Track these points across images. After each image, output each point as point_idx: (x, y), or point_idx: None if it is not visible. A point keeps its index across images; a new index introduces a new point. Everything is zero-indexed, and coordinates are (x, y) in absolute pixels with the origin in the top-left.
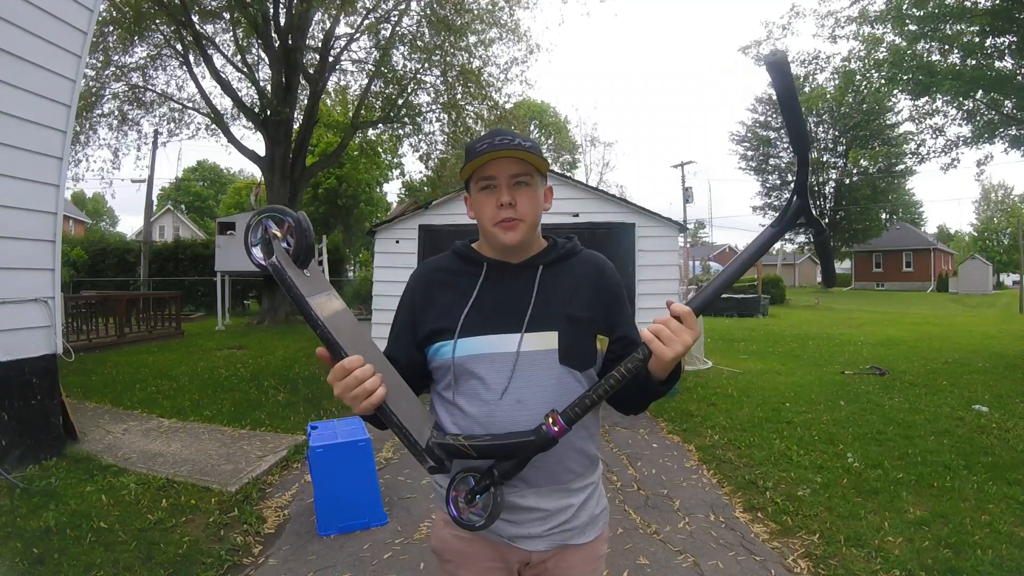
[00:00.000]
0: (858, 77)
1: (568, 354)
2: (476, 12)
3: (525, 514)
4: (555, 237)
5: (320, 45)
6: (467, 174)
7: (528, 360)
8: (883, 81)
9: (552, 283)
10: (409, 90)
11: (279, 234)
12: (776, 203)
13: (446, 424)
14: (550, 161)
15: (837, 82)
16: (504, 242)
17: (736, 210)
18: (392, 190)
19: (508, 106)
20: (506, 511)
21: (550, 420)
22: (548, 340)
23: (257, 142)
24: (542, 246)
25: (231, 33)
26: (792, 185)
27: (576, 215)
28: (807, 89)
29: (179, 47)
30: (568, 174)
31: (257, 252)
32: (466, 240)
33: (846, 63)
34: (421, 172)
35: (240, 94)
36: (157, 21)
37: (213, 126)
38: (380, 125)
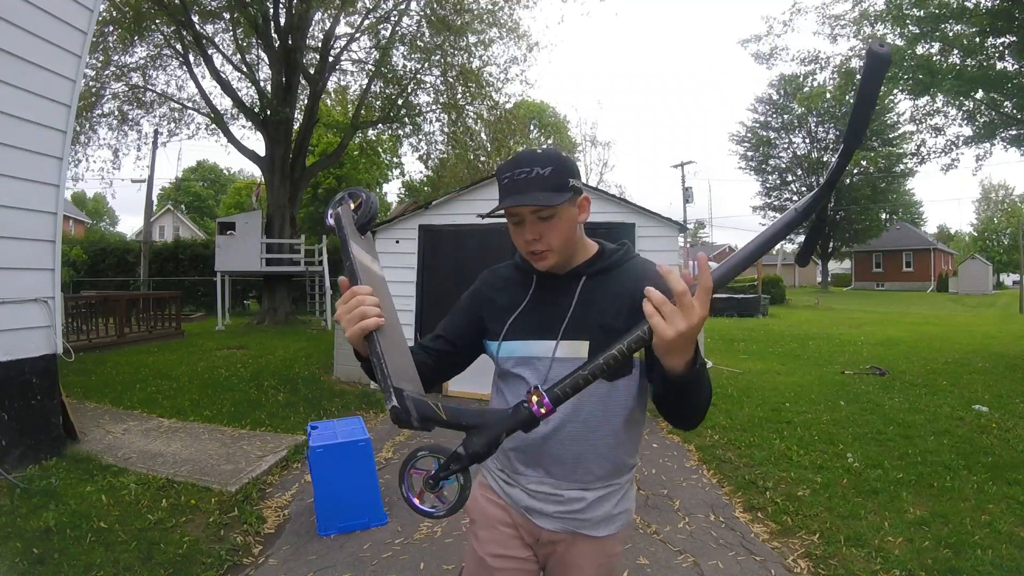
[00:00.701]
0: (858, 76)
1: None
2: (476, 12)
3: (540, 493)
4: (605, 244)
5: (320, 45)
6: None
7: (561, 366)
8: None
9: (593, 292)
10: (409, 90)
11: (352, 206)
12: (776, 203)
13: (496, 407)
14: None
15: (837, 81)
16: (539, 269)
17: (736, 210)
18: (392, 190)
19: (508, 106)
20: (525, 485)
21: (535, 399)
22: (579, 349)
23: (257, 142)
24: (590, 253)
25: (231, 33)
26: (826, 177)
27: None
28: (807, 89)
29: (179, 47)
30: None
31: (330, 219)
32: None
33: (846, 61)
34: (421, 172)
35: (240, 94)
36: (157, 21)
37: (213, 126)
38: (380, 125)
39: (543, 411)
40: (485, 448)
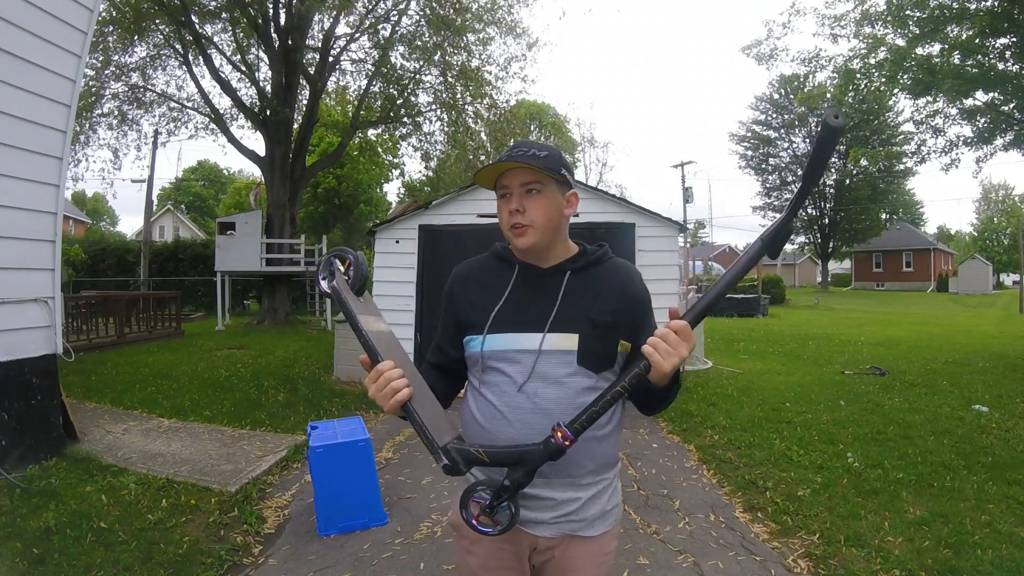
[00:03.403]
0: (859, 76)
1: (586, 356)
2: (475, 11)
3: (534, 500)
4: (585, 244)
5: (320, 45)
6: (491, 185)
7: (548, 358)
8: (883, 80)
9: (578, 288)
10: (409, 90)
11: (342, 268)
12: (776, 203)
13: (471, 407)
14: None
15: (837, 81)
16: (516, 246)
17: (736, 210)
18: (392, 190)
19: (509, 104)
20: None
21: (559, 435)
22: (568, 341)
23: (257, 142)
24: (571, 251)
25: (231, 33)
26: (789, 206)
27: (576, 215)
28: (807, 88)
29: (179, 47)
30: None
31: (324, 284)
32: (505, 243)
33: (847, 61)
34: (421, 172)
35: (240, 94)
36: (157, 21)
37: (213, 126)
38: (380, 125)
39: (567, 444)
40: (526, 478)
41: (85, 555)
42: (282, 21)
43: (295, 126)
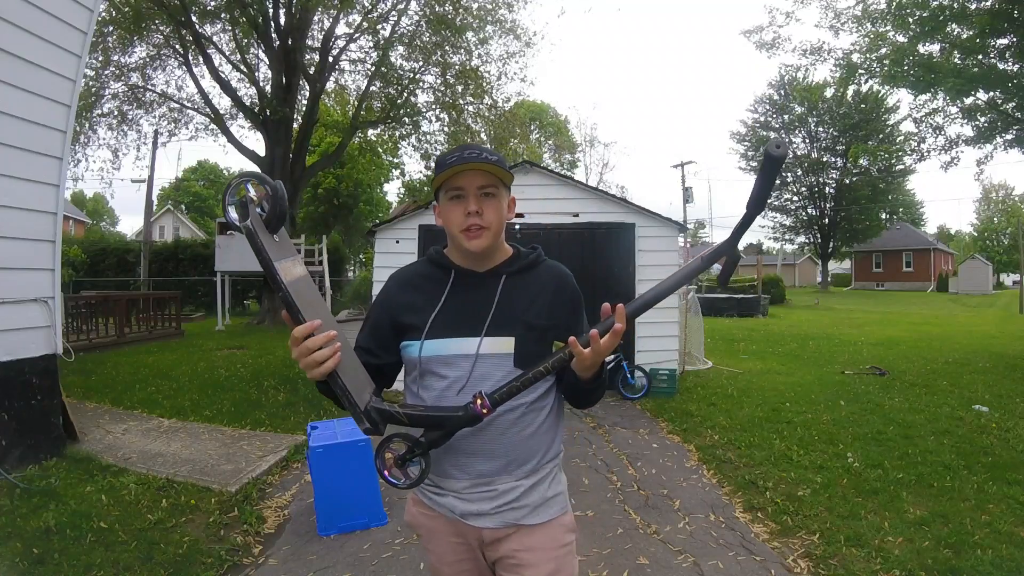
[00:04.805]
0: (860, 71)
1: (523, 358)
2: (475, 11)
3: (473, 492)
4: (519, 247)
5: (320, 45)
6: (437, 184)
7: (486, 362)
8: (884, 75)
9: (514, 291)
10: (409, 90)
11: (255, 198)
12: (775, 203)
13: None
14: (550, 161)
15: (839, 74)
16: (469, 248)
17: (736, 210)
18: (392, 190)
19: (509, 105)
20: (456, 491)
21: (478, 402)
22: (505, 344)
23: (257, 142)
24: (507, 255)
25: (230, 33)
26: (731, 234)
27: (576, 215)
28: (806, 82)
29: (179, 47)
30: (568, 174)
31: (232, 212)
32: (439, 247)
33: (847, 55)
34: (421, 172)
35: (240, 94)
36: (157, 21)
37: (213, 126)
38: (380, 125)
39: (484, 411)
40: (441, 439)
41: (85, 555)
42: (282, 21)
43: (295, 126)
